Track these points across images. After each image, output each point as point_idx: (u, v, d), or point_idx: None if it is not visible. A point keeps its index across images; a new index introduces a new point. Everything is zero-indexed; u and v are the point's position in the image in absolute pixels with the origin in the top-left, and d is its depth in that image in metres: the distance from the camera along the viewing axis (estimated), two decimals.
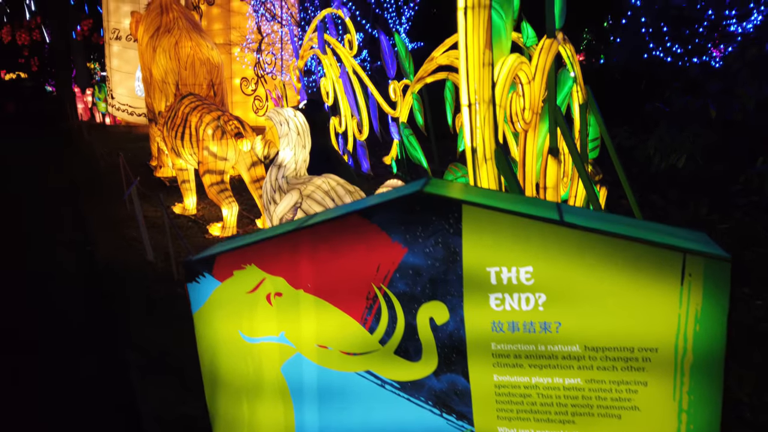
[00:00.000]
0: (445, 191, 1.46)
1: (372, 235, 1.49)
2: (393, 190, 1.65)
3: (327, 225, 1.53)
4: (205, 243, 6.31)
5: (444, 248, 1.45)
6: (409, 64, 6.68)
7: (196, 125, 6.56)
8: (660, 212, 5.17)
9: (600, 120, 3.38)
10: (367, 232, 1.50)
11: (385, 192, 1.72)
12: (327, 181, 3.71)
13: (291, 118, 4.00)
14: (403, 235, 1.47)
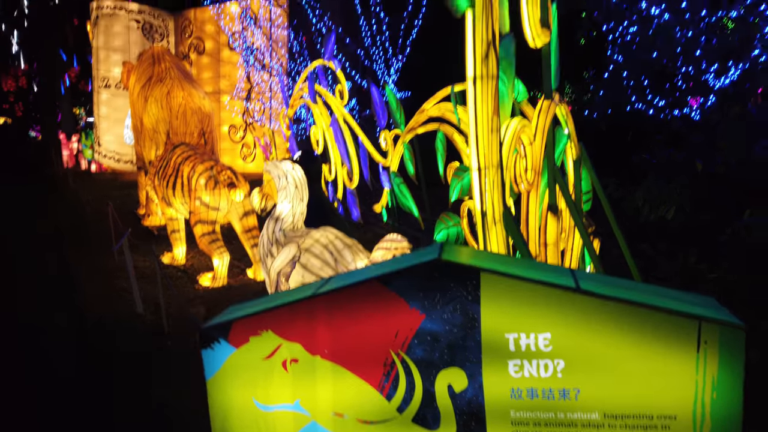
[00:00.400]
0: (463, 259, 1.49)
1: (390, 302, 1.51)
2: (409, 256, 1.67)
3: (345, 291, 1.54)
4: (196, 294, 6.24)
5: (462, 315, 1.47)
6: (400, 115, 6.81)
7: (188, 175, 6.58)
8: (650, 262, 5.25)
9: (593, 174, 3.46)
10: (386, 298, 1.51)
11: (401, 257, 1.75)
12: (325, 235, 3.73)
13: (289, 172, 4.04)
14: (422, 302, 1.49)
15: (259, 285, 6.44)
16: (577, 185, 3.26)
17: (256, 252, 6.54)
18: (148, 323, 5.45)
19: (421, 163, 6.94)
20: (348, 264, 3.55)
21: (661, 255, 5.08)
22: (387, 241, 3.27)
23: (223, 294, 6.20)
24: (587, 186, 4.10)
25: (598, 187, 3.31)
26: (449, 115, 5.89)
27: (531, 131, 2.67)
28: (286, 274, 3.64)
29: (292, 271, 3.62)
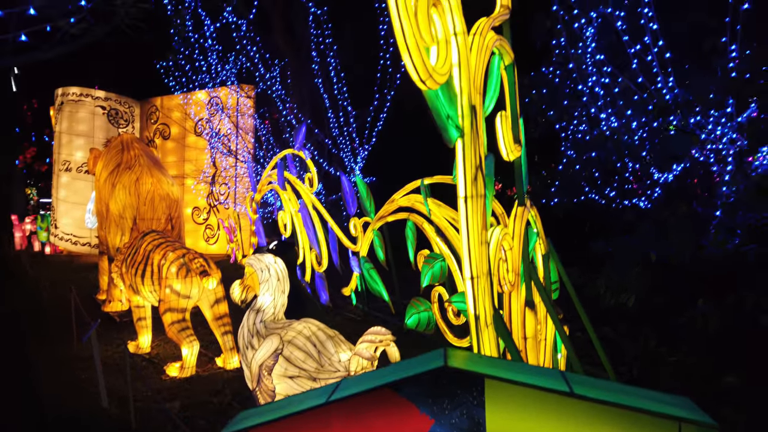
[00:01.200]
0: (468, 365, 1.63)
1: (401, 408, 1.63)
2: (415, 361, 1.81)
3: (358, 398, 1.65)
4: (163, 385, 6.09)
5: (468, 419, 1.59)
6: (369, 203, 7.08)
7: (158, 263, 6.58)
8: (613, 344, 5.46)
9: (560, 266, 3.70)
10: (397, 404, 1.63)
11: (407, 362, 1.88)
12: (308, 326, 3.81)
13: (272, 265, 4.15)
14: (431, 407, 1.61)
15: (229, 374, 6.34)
16: (547, 278, 3.48)
17: (227, 340, 6.48)
18: (114, 418, 5.27)
19: (390, 249, 7.15)
20: (331, 356, 3.62)
21: (623, 338, 5.31)
22: (371, 333, 3.38)
23: (192, 384, 6.08)
24: (555, 276, 4.35)
25: (566, 278, 3.54)
26: (419, 206, 6.18)
27: (509, 237, 2.90)
28: (269, 367, 3.67)
29: (275, 364, 3.66)
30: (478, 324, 2.18)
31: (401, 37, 1.98)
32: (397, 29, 1.98)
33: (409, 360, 1.91)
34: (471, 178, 2.21)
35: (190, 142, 16.30)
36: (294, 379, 3.57)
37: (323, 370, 3.54)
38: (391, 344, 3.34)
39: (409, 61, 2.01)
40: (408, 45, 1.98)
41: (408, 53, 1.98)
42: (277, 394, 3.59)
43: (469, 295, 2.24)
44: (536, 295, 2.74)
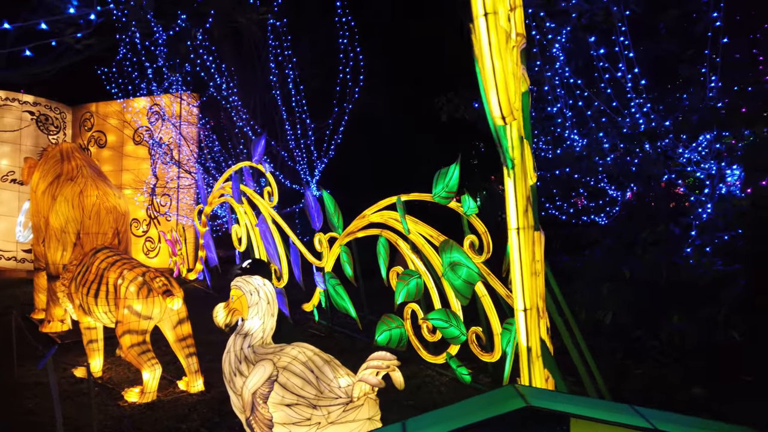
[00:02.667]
0: (551, 404, 1.61)
1: None
2: (485, 399, 1.77)
3: None
4: (122, 412, 5.73)
5: None
6: (337, 219, 6.98)
7: (115, 282, 6.21)
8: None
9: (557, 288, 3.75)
10: None
11: (476, 400, 1.83)
12: (303, 351, 3.68)
13: (261, 287, 4.00)
14: None
15: (193, 398, 6.05)
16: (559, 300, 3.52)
17: (192, 362, 6.19)
18: None
19: (359, 265, 7.07)
20: (330, 381, 3.51)
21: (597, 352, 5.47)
22: (376, 359, 3.30)
23: (155, 410, 5.76)
24: None
25: (561, 298, 3.60)
26: (392, 223, 6.15)
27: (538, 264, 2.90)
28: (263, 395, 3.52)
29: (270, 392, 3.51)
30: (530, 356, 2.16)
31: (491, 75, 1.95)
32: (486, 67, 1.94)
33: (478, 397, 1.87)
34: (522, 210, 2.20)
35: (128, 151, 15.57)
36: (292, 407, 3.44)
37: (323, 396, 3.43)
38: (396, 369, 3.27)
39: (495, 98, 1.97)
40: (497, 84, 1.94)
41: (496, 91, 1.95)
42: (275, 424, 3.44)
43: (521, 328, 2.22)
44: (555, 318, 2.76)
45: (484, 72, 1.94)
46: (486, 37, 2.02)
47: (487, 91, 1.97)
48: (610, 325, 5.57)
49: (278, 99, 10.24)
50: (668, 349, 5.22)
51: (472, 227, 5.11)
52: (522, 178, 2.20)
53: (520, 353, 2.25)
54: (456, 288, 4.96)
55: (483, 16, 2.04)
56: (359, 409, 3.39)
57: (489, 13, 2.05)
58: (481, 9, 2.06)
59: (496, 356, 5.06)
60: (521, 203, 2.20)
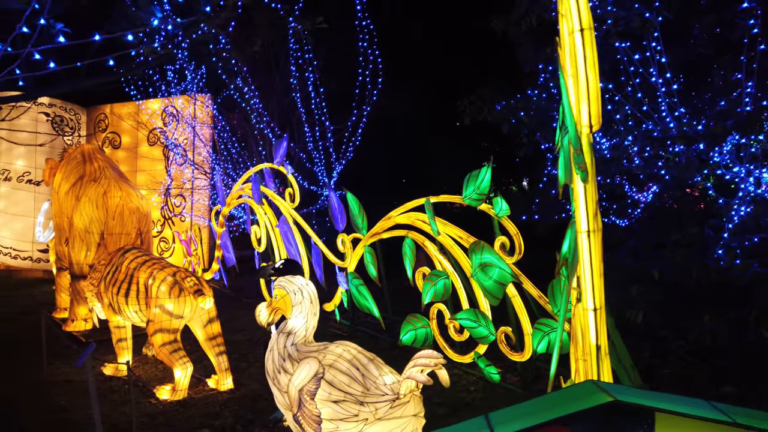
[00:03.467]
0: (636, 399, 1.71)
1: None
2: (568, 394, 1.86)
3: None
4: (155, 410, 5.84)
5: None
6: (362, 220, 7.08)
7: (145, 282, 6.33)
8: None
9: None
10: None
11: (557, 395, 1.93)
12: (347, 350, 3.78)
13: (304, 287, 4.09)
14: None
15: (223, 396, 6.16)
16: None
17: (222, 360, 6.30)
18: None
19: (383, 266, 7.17)
20: (376, 379, 3.61)
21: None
22: (424, 357, 3.40)
23: (188, 408, 5.86)
24: None
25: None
26: (420, 224, 6.25)
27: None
28: (311, 392, 3.62)
29: (317, 389, 3.61)
30: (599, 353, 2.27)
31: (584, 87, 2.05)
32: (580, 80, 2.04)
33: (557, 393, 1.97)
34: (593, 214, 2.30)
35: (143, 152, 15.71)
36: (339, 403, 3.54)
37: (370, 393, 3.53)
38: (442, 367, 3.37)
39: (586, 109, 2.07)
40: (590, 95, 2.05)
41: (587, 102, 2.05)
42: (322, 420, 3.55)
43: (591, 326, 2.32)
44: None
45: (576, 83, 2.04)
46: (582, 51, 2.13)
47: (578, 102, 2.08)
48: (641, 324, 5.65)
49: (298, 101, 10.35)
50: (695, 349, 5.31)
51: (502, 229, 5.21)
52: (592, 183, 2.30)
53: (590, 350, 2.33)
54: (486, 288, 5.05)
55: (579, 32, 2.16)
56: (405, 406, 3.49)
57: (585, 29, 2.17)
58: (578, 24, 2.18)
59: (526, 356, 5.16)
60: (591, 207, 2.30)
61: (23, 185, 15.98)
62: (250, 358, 7.37)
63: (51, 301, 11.64)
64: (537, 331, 4.89)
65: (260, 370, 7.08)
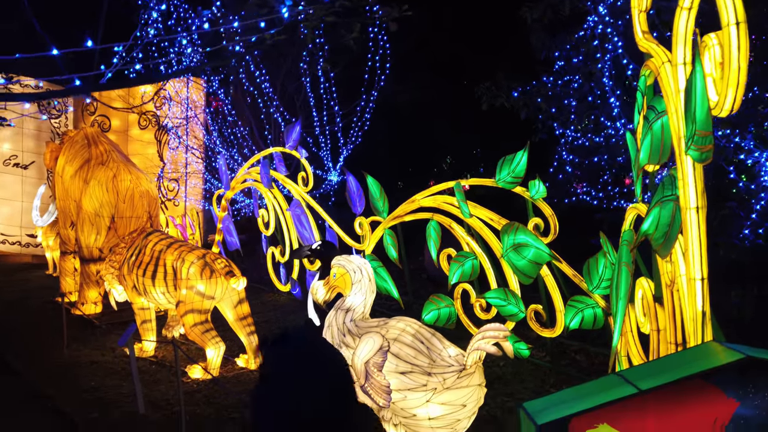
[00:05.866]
0: (763, 355, 1.93)
1: (710, 394, 1.90)
2: (689, 354, 2.07)
3: (671, 387, 1.90)
4: (188, 388, 5.94)
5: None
6: (383, 203, 7.23)
7: (173, 264, 6.39)
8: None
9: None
10: (707, 391, 1.90)
11: (677, 356, 2.14)
12: (409, 324, 3.96)
13: (363, 266, 4.25)
14: (737, 392, 1.89)
15: (254, 374, 6.29)
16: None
17: (253, 340, 6.42)
18: (160, 424, 5.12)
19: (404, 248, 7.35)
20: (440, 351, 3.80)
21: None
22: (492, 329, 3.60)
23: (222, 386, 5.98)
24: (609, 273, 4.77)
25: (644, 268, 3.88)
26: (446, 207, 6.43)
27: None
28: (378, 364, 3.80)
29: (384, 361, 3.79)
30: (704, 319, 2.49)
31: (736, 76, 2.23)
32: (732, 69, 2.22)
33: (681, 353, 2.18)
34: (701, 191, 2.51)
35: (133, 135, 15.51)
36: (406, 374, 3.73)
37: (436, 365, 3.72)
38: (507, 339, 3.58)
39: (732, 96, 2.26)
40: (739, 84, 2.24)
41: (735, 90, 2.23)
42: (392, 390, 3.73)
43: (698, 294, 2.54)
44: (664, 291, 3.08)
45: (727, 70, 2.24)
46: (737, 43, 2.32)
47: (724, 88, 2.27)
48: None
49: (307, 85, 10.37)
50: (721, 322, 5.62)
51: (536, 210, 5.43)
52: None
53: (695, 318, 2.53)
54: (519, 268, 5.27)
55: (735, 25, 2.36)
56: (472, 376, 3.70)
57: (740, 22, 2.36)
58: (734, 18, 2.37)
59: (557, 332, 5.42)
60: (700, 185, 2.51)
61: (9, 169, 15.65)
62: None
63: (48, 286, 11.54)
64: (570, 308, 5.14)
65: None
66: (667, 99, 2.71)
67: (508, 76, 8.86)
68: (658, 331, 3.23)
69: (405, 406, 3.74)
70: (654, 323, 3.26)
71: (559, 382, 5.57)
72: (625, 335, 3.79)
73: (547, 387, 5.46)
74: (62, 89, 6.58)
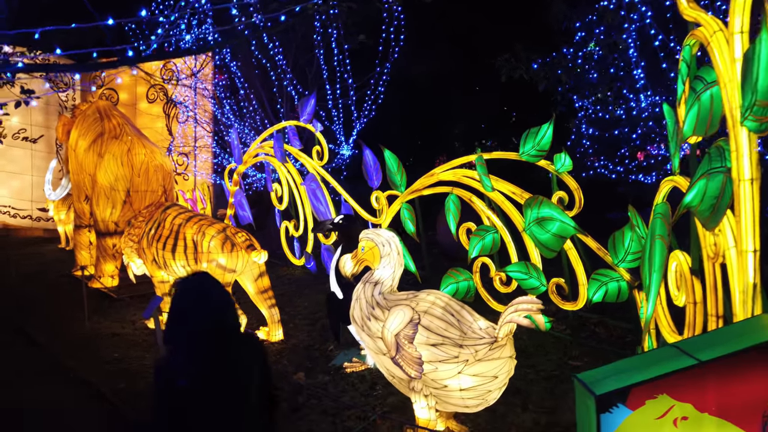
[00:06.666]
0: None
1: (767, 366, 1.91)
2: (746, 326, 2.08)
3: (731, 357, 1.91)
4: None
5: None
6: (400, 177, 7.20)
7: (193, 237, 6.40)
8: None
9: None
10: (764, 362, 1.91)
11: (743, 324, 2.14)
12: (439, 297, 3.97)
13: (392, 239, 4.25)
14: None
15: (274, 346, 6.35)
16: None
17: (274, 312, 6.47)
18: None
19: (422, 222, 7.34)
20: (471, 324, 3.82)
21: None
22: (524, 302, 3.61)
23: None
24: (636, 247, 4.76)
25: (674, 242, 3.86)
26: (467, 180, 6.40)
27: None
28: (409, 336, 3.82)
29: (415, 333, 3.81)
30: (755, 291, 2.49)
31: None
32: None
33: (738, 324, 2.19)
34: (756, 163, 2.49)
35: (142, 109, 15.42)
36: (437, 346, 3.75)
37: (467, 337, 3.74)
38: (539, 312, 3.59)
39: None
40: None
41: None
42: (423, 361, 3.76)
43: (750, 266, 2.53)
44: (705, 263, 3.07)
45: None
46: None
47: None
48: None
49: (321, 58, 10.25)
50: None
51: (561, 184, 5.41)
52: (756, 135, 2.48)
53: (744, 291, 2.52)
54: (542, 242, 5.25)
55: None
56: (503, 348, 3.72)
57: None
58: None
59: (579, 304, 5.44)
60: (754, 156, 2.49)
61: (19, 143, 15.63)
62: (288, 311, 7.54)
63: (62, 259, 11.61)
64: (594, 282, 5.14)
65: (303, 321, 7.29)
66: (718, 69, 2.66)
67: (527, 48, 8.74)
68: (695, 304, 3.24)
69: (436, 377, 3.77)
70: (691, 296, 3.26)
71: (581, 354, 5.61)
72: (655, 308, 3.80)
73: (569, 359, 5.51)
74: (113, 60, 6.51)
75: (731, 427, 1.93)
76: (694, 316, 3.25)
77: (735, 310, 2.58)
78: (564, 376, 5.17)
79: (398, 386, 4.14)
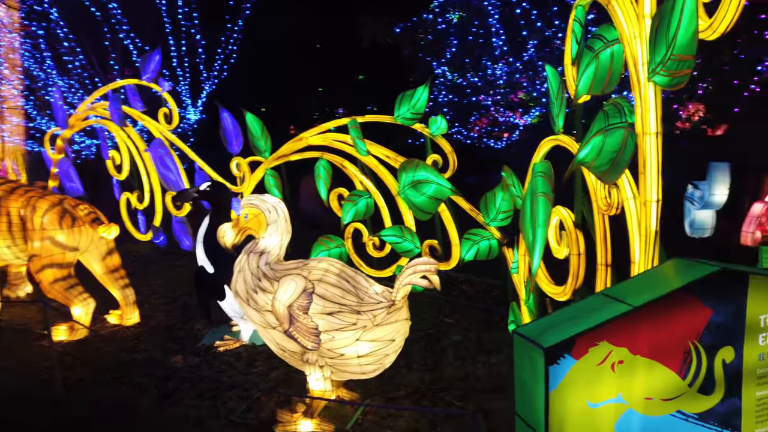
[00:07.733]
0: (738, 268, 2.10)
1: (692, 304, 2.04)
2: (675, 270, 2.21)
3: (660, 301, 2.01)
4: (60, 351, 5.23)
5: (736, 307, 2.08)
6: (265, 142, 6.83)
7: (21, 213, 5.49)
8: None
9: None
10: (689, 302, 2.04)
11: (664, 268, 2.26)
12: (332, 264, 3.79)
13: (278, 205, 3.95)
14: (712, 301, 2.06)
15: (130, 330, 5.72)
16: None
17: (129, 294, 5.80)
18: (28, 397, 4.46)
19: (288, 188, 7.05)
20: (366, 289, 3.72)
21: None
22: (422, 263, 3.58)
23: (93, 344, 5.36)
24: (507, 206, 4.98)
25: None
26: (337, 145, 6.25)
27: None
28: (303, 306, 3.62)
29: (310, 303, 3.62)
30: (656, 238, 2.64)
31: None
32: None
33: (658, 269, 2.32)
34: (660, 117, 2.61)
35: None
36: (334, 314, 3.61)
37: (364, 303, 3.64)
38: (435, 273, 3.59)
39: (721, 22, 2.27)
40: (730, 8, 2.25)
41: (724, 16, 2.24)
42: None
43: (653, 216, 2.67)
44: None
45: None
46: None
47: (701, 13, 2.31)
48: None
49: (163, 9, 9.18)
50: None
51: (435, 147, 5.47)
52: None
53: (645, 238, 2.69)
54: (417, 205, 5.29)
55: None
56: (400, 311, 3.69)
57: None
58: None
59: (452, 264, 5.61)
60: (659, 110, 2.62)
61: None
62: (142, 291, 6.84)
63: None
64: (466, 241, 5.31)
65: (160, 300, 6.69)
66: (621, 27, 2.79)
67: (389, 11, 8.68)
68: (579, 255, 3.46)
69: (332, 347, 3.63)
70: (575, 248, 3.47)
71: (452, 312, 5.83)
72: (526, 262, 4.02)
73: (443, 317, 5.69)
74: None
75: (659, 366, 2.05)
76: (578, 266, 3.48)
77: (633, 257, 2.79)
78: (440, 333, 5.33)
79: (289, 360, 3.92)
